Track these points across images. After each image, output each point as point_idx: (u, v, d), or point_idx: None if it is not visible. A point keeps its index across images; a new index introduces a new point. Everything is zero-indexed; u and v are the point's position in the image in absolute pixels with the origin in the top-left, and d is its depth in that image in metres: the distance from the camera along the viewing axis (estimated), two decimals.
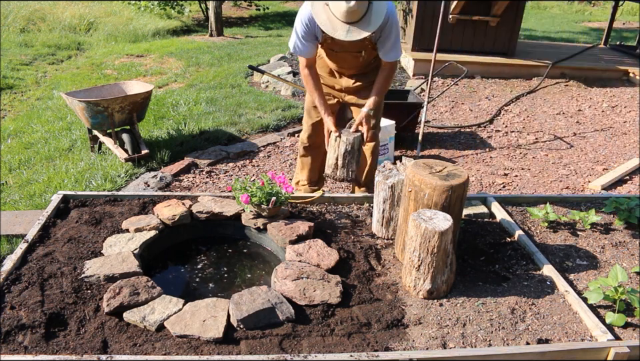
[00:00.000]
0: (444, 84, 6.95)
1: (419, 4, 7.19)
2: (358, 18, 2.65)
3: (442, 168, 2.60)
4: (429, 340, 2.22)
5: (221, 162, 4.47)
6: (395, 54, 2.97)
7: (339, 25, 2.67)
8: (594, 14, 16.76)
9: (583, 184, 4.40)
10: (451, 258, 2.44)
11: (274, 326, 2.21)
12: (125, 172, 4.10)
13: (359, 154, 3.05)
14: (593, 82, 7.42)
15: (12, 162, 4.39)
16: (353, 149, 2.99)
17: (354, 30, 2.67)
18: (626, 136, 5.57)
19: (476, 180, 4.37)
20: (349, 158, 2.99)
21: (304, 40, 2.91)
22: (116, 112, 4.22)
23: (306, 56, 2.99)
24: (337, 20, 2.67)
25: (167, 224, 2.86)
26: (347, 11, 2.61)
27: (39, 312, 2.18)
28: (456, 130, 5.54)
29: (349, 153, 2.98)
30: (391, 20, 2.82)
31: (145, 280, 2.37)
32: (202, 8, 12.45)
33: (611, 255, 2.94)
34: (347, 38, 2.68)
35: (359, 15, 2.64)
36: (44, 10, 11.10)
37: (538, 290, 2.59)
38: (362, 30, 2.67)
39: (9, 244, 3.07)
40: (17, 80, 7.21)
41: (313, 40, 2.93)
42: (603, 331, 2.28)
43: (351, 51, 3.00)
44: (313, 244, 2.73)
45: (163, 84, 6.97)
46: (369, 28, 2.68)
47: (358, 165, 3.07)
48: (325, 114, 3.08)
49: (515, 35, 7.54)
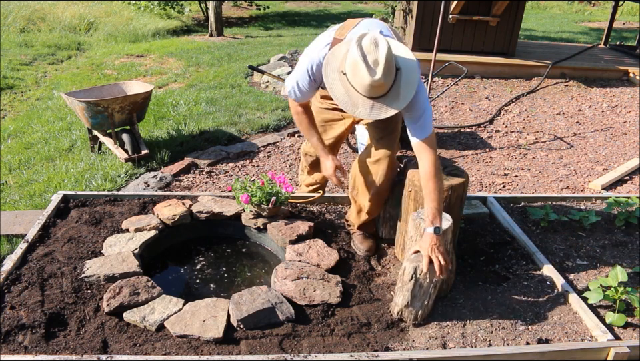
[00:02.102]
0: (444, 84, 6.95)
1: (418, 5, 7.19)
2: (384, 92, 2.08)
3: (442, 168, 2.60)
4: (429, 340, 2.22)
5: (221, 162, 4.47)
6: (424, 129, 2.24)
7: (360, 101, 2.10)
8: (594, 14, 16.76)
9: (583, 184, 4.39)
10: (450, 258, 2.44)
11: (274, 326, 2.21)
12: (125, 172, 4.10)
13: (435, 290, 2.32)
14: (592, 82, 7.41)
15: (12, 162, 4.39)
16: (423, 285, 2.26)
17: (379, 107, 2.10)
18: (626, 136, 5.57)
19: (476, 180, 4.37)
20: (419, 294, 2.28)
21: (304, 89, 2.41)
22: (116, 112, 4.22)
23: (300, 102, 2.51)
24: (358, 94, 2.10)
25: (166, 224, 2.86)
26: (371, 85, 2.02)
27: (38, 312, 2.18)
28: (456, 130, 5.54)
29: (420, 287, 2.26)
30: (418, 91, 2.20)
31: (145, 280, 2.37)
32: (202, 8, 12.44)
33: (611, 255, 2.94)
34: (371, 117, 2.14)
35: (386, 89, 2.07)
36: (44, 10, 11.09)
37: (538, 290, 2.59)
38: (389, 107, 2.10)
39: (9, 244, 3.06)
40: (16, 80, 7.21)
41: (314, 90, 2.46)
42: (603, 331, 2.28)
43: None
44: (313, 244, 2.73)
45: (163, 84, 6.96)
46: (397, 104, 2.10)
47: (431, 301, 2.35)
48: (324, 155, 2.61)
49: (514, 35, 7.54)
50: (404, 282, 2.23)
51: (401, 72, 2.09)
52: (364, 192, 2.67)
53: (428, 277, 2.21)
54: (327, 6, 16.59)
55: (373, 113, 2.11)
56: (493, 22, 7.31)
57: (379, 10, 10.52)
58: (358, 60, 1.99)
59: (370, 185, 2.63)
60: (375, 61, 1.99)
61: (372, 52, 1.99)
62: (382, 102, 2.09)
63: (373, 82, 2.01)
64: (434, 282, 2.22)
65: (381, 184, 2.61)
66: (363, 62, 1.98)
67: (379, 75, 1.99)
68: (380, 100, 2.09)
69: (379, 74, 1.99)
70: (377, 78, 1.99)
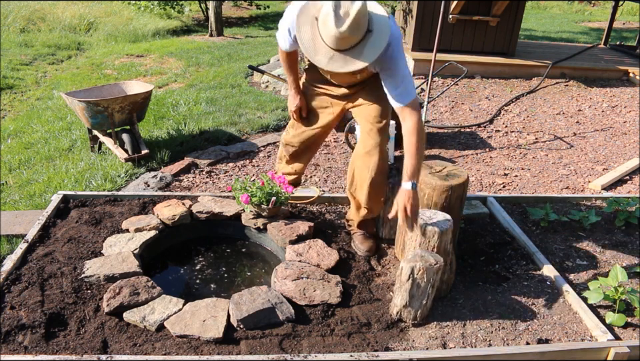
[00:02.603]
0: (444, 84, 6.95)
1: (418, 5, 7.19)
2: (348, 46, 2.11)
3: (442, 168, 2.60)
4: (429, 340, 2.22)
5: (221, 162, 4.47)
6: (405, 94, 2.29)
7: (322, 49, 2.14)
8: (594, 14, 16.76)
9: (583, 184, 4.39)
10: (450, 258, 2.44)
11: (274, 326, 2.21)
12: (125, 172, 4.10)
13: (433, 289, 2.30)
14: (592, 82, 7.41)
15: (12, 162, 4.39)
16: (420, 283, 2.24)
17: (339, 59, 2.12)
18: (626, 136, 5.57)
19: (476, 180, 4.37)
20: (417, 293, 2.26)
21: (287, 38, 2.47)
22: (116, 112, 4.22)
23: (287, 51, 2.61)
24: (322, 42, 2.13)
25: (166, 224, 2.86)
26: (335, 36, 2.06)
27: (39, 312, 2.18)
28: (456, 130, 5.54)
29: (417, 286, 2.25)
30: (392, 51, 2.24)
31: (145, 280, 2.37)
32: (202, 8, 12.45)
33: (611, 255, 2.94)
34: (328, 67, 2.16)
35: (350, 44, 2.10)
36: (44, 10, 11.10)
37: (538, 290, 2.59)
38: (347, 62, 2.12)
39: (9, 244, 3.06)
40: (16, 80, 7.21)
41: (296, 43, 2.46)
42: (603, 331, 2.28)
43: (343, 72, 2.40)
44: (313, 244, 2.73)
45: (163, 84, 6.97)
46: (358, 60, 2.11)
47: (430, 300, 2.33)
48: (294, 93, 2.74)
49: (514, 35, 7.54)
50: (402, 282, 2.24)
51: (372, 34, 2.12)
52: (361, 185, 2.67)
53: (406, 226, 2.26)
54: None
55: (330, 64, 2.14)
56: (492, 22, 7.31)
57: None
58: (329, 10, 2.04)
59: (365, 178, 2.63)
60: (346, 13, 2.02)
61: (345, 6, 2.03)
62: (343, 55, 2.12)
63: (338, 33, 2.04)
64: (431, 280, 2.22)
65: (375, 175, 2.59)
66: (334, 13, 2.03)
67: (344, 28, 2.03)
68: (342, 53, 2.12)
69: (345, 26, 2.02)
70: (342, 30, 2.03)
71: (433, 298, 2.31)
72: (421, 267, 2.18)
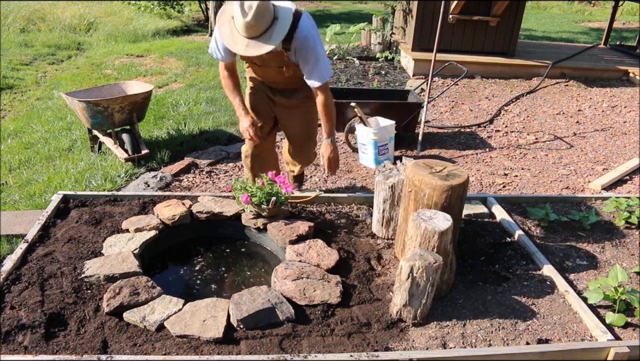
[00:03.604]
0: (444, 84, 6.95)
1: (418, 5, 7.19)
2: (258, 33, 2.53)
3: (442, 168, 2.60)
4: (429, 340, 2.22)
5: (221, 162, 4.47)
6: (317, 77, 2.79)
7: (239, 39, 2.57)
8: (594, 14, 16.76)
9: (583, 184, 4.40)
10: (450, 258, 2.44)
11: (274, 326, 2.21)
12: (125, 172, 4.10)
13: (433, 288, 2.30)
14: (592, 82, 7.42)
15: (12, 162, 4.39)
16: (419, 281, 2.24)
17: (253, 45, 2.55)
18: (626, 136, 5.57)
19: (476, 180, 4.37)
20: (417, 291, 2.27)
21: (221, 46, 2.82)
22: (116, 112, 4.22)
23: (224, 61, 2.92)
24: (238, 34, 2.57)
25: (166, 224, 2.86)
26: (244, 26, 2.50)
27: (39, 312, 2.18)
28: (456, 130, 5.54)
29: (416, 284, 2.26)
30: (303, 38, 2.67)
31: (145, 280, 2.37)
32: (202, 8, 12.45)
33: (611, 255, 2.94)
34: (245, 53, 2.58)
35: (259, 31, 2.53)
36: (44, 10, 11.09)
37: (538, 290, 2.59)
38: (261, 45, 2.55)
39: (9, 244, 3.06)
40: (16, 80, 7.20)
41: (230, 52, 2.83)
42: (603, 331, 2.28)
43: (272, 66, 2.91)
44: (313, 244, 2.73)
45: (163, 84, 6.97)
46: (268, 43, 2.55)
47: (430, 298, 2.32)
48: (243, 115, 2.99)
49: (514, 35, 7.54)
50: (401, 281, 2.24)
51: (278, 21, 2.57)
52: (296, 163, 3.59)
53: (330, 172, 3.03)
54: (327, 6, 16.59)
55: (248, 50, 2.57)
56: (492, 22, 7.31)
57: (378, 10, 10.52)
58: (237, 6, 2.50)
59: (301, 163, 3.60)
60: (249, 7, 2.48)
61: (249, 1, 2.49)
62: (256, 41, 2.56)
63: (245, 23, 2.49)
64: (431, 279, 2.22)
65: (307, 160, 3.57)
66: (239, 7, 2.49)
67: (249, 17, 2.47)
68: (255, 39, 2.56)
69: (250, 16, 2.47)
70: (248, 20, 2.48)
71: (432, 297, 2.31)
72: (420, 266, 2.18)
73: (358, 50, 8.58)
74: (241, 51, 2.59)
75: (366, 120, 4.45)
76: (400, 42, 8.13)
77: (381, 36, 8.32)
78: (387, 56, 7.99)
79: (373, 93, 5.24)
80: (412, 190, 2.55)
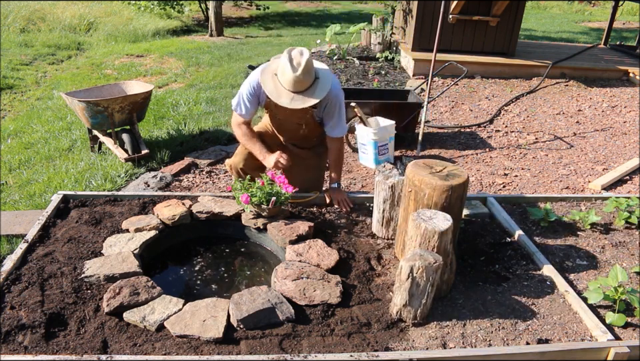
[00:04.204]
0: (444, 84, 6.95)
1: (418, 4, 7.19)
2: (303, 88, 2.78)
3: (442, 168, 2.60)
4: (429, 340, 2.22)
5: (221, 162, 4.47)
6: (340, 131, 3.11)
7: (284, 93, 2.80)
8: (594, 14, 16.76)
9: (583, 184, 4.40)
10: (450, 258, 2.44)
11: (274, 326, 2.21)
12: (125, 172, 4.10)
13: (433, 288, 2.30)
14: (592, 82, 7.42)
15: (12, 162, 4.39)
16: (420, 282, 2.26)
17: (298, 98, 2.79)
18: (626, 136, 5.57)
19: (476, 180, 4.37)
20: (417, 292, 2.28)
21: (247, 102, 3.00)
22: (116, 112, 4.22)
23: (244, 117, 3.07)
24: (283, 88, 2.80)
25: (166, 224, 2.86)
26: (293, 80, 2.72)
27: (39, 312, 2.18)
28: (456, 130, 5.54)
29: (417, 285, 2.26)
30: (335, 96, 2.95)
31: (145, 280, 2.37)
32: (202, 8, 12.45)
33: (611, 255, 2.94)
34: (291, 105, 2.79)
35: (305, 86, 2.78)
36: (44, 10, 11.10)
37: (538, 290, 2.59)
38: (306, 99, 2.79)
39: (9, 244, 3.07)
40: (16, 80, 7.21)
41: (256, 103, 3.05)
42: (603, 331, 2.28)
43: (292, 121, 3.09)
44: (313, 244, 2.73)
45: (163, 84, 6.97)
46: (312, 98, 2.79)
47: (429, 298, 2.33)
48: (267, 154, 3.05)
49: (514, 35, 7.54)
50: (401, 281, 2.24)
51: (319, 80, 2.85)
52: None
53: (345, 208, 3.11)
54: (327, 6, 16.60)
55: (293, 103, 2.80)
56: (492, 22, 7.31)
57: (378, 10, 10.52)
58: (286, 62, 2.75)
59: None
60: (298, 63, 2.74)
61: (297, 58, 2.76)
62: (301, 95, 2.80)
63: (295, 77, 2.72)
64: (431, 279, 2.22)
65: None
66: (289, 63, 2.74)
67: (299, 72, 2.72)
68: (300, 94, 2.80)
69: (299, 71, 2.72)
70: (297, 74, 2.72)
71: (432, 297, 2.31)
72: (420, 266, 2.18)
73: (358, 50, 8.59)
74: (285, 103, 2.80)
75: (366, 120, 4.45)
76: (400, 42, 8.14)
77: (381, 36, 8.32)
78: (387, 56, 8.00)
79: (373, 93, 5.25)
80: (412, 190, 2.55)
